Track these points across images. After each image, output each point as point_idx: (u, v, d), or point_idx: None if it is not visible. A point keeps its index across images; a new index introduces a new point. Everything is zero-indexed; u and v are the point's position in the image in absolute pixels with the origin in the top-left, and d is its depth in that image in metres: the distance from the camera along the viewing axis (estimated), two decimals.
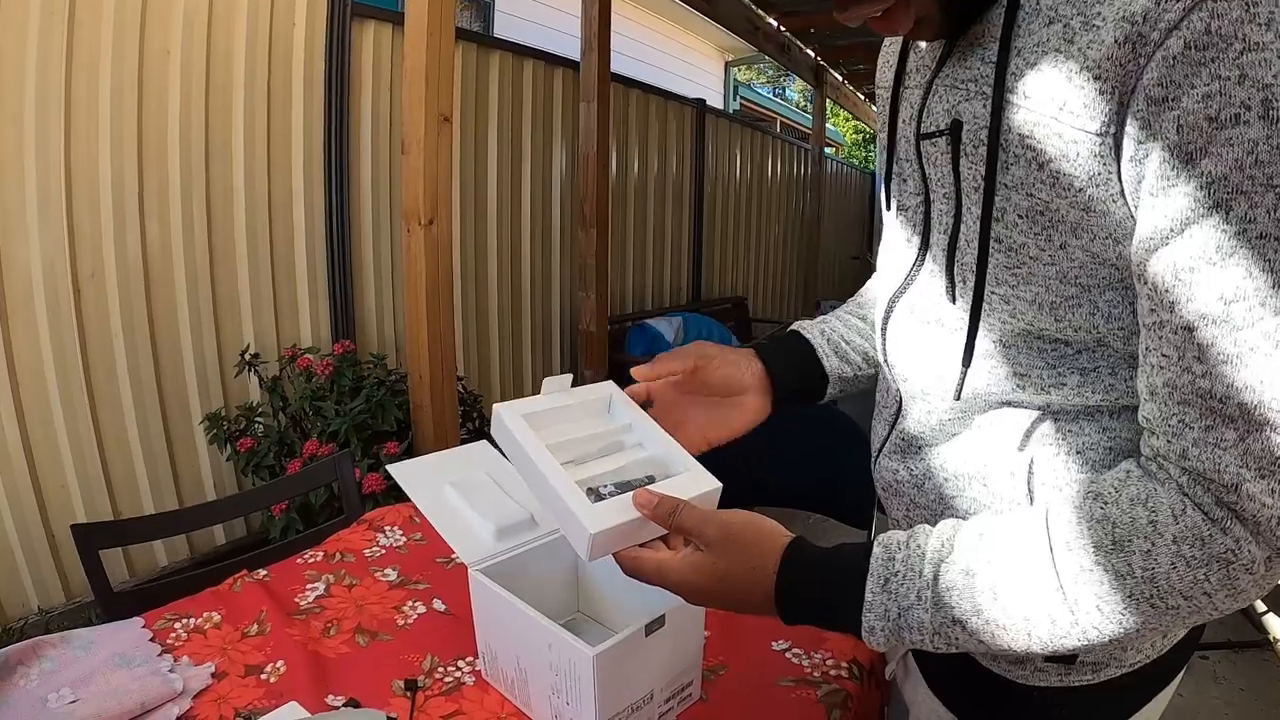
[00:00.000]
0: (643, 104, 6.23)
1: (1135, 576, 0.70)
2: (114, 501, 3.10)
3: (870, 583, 0.81)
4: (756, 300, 8.96)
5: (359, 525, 1.81)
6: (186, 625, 1.38)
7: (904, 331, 1.03)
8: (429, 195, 3.01)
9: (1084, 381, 0.85)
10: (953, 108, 0.88)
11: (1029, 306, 0.84)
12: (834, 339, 1.24)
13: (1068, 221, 0.78)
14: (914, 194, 1.00)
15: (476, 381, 4.65)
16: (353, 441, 2.99)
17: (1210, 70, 0.65)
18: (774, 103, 18.37)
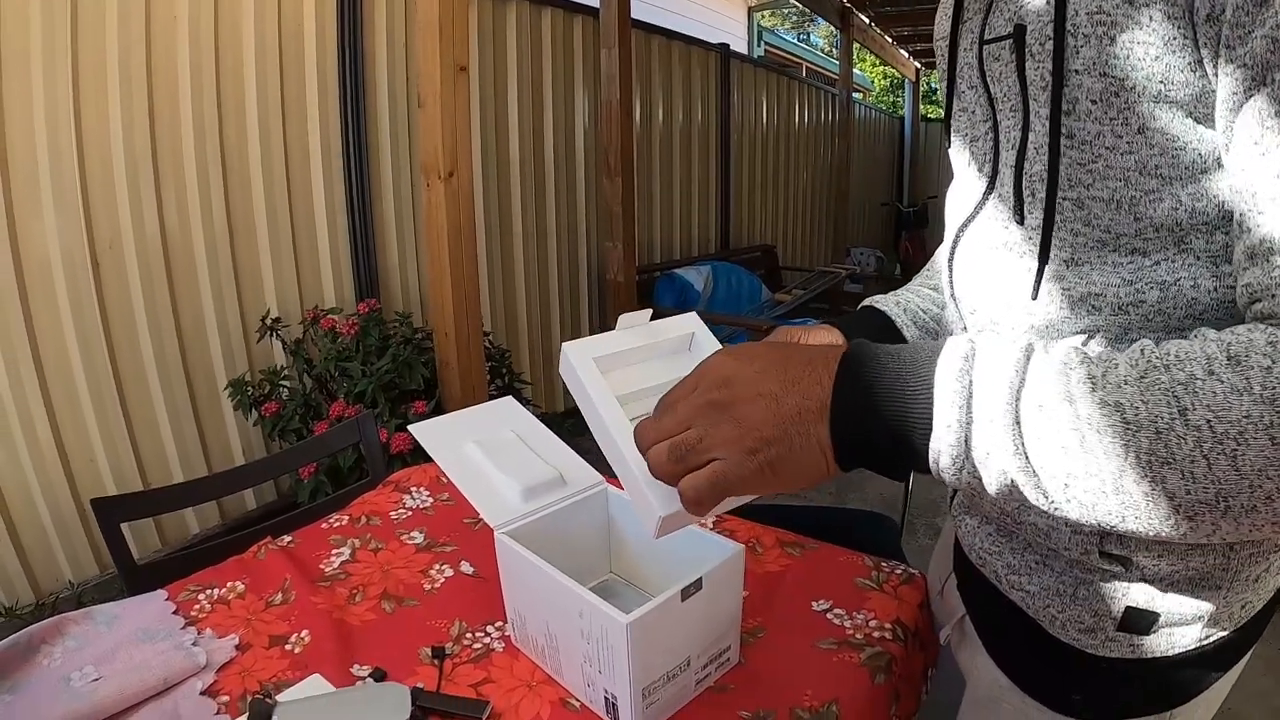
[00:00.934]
0: (665, 51, 6.13)
1: (1254, 394, 0.59)
2: (143, 472, 3.10)
3: (950, 348, 0.70)
4: (785, 248, 8.89)
5: (384, 487, 1.77)
6: (210, 596, 1.35)
7: (971, 260, 0.97)
8: (448, 147, 2.95)
9: (1164, 297, 0.78)
10: (1015, 13, 0.84)
11: (1106, 207, 0.79)
12: (911, 309, 1.20)
13: (1145, 98, 0.73)
14: (981, 121, 0.96)
15: (504, 337, 4.63)
16: (380, 401, 2.96)
17: None
18: (799, 48, 18.15)
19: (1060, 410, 0.64)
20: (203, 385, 3.28)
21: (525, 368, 4.79)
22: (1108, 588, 0.88)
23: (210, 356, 3.30)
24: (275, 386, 3.16)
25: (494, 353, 3.66)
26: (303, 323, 3.36)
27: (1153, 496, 0.61)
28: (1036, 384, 0.65)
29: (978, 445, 0.66)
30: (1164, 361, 0.63)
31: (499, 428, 1.38)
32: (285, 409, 3.06)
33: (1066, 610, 0.92)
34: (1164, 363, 0.63)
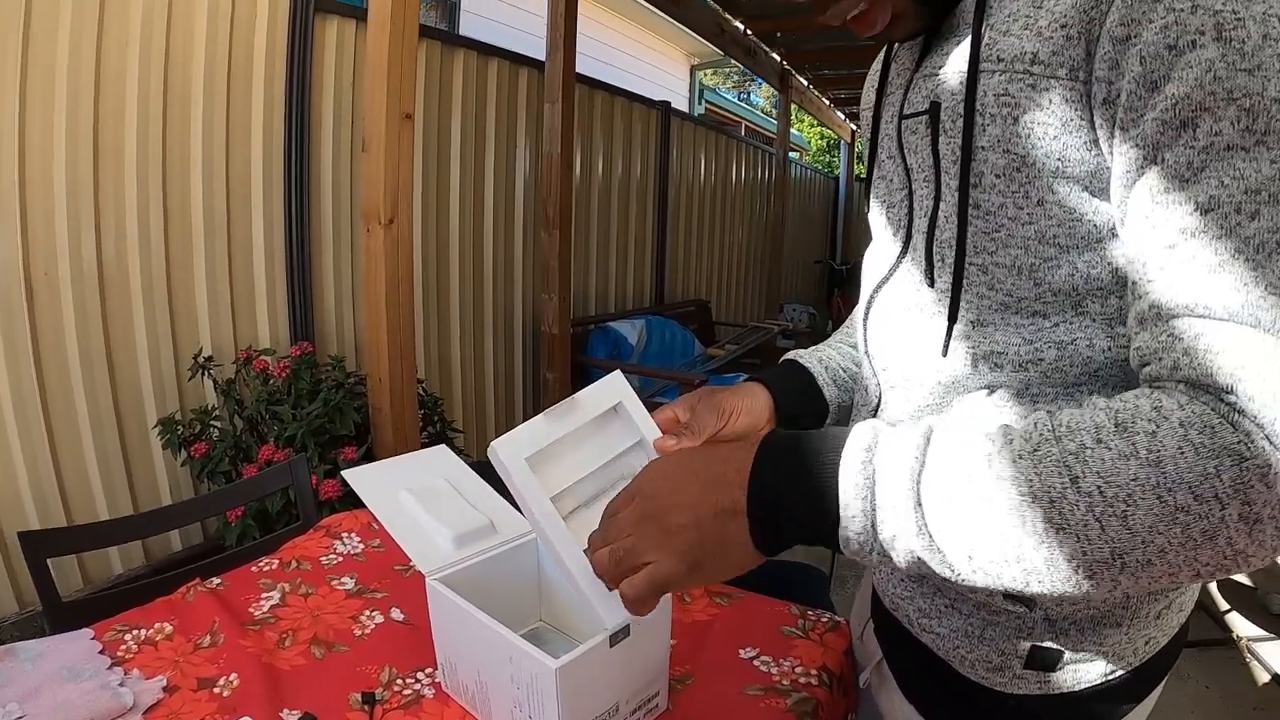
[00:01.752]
0: (608, 105, 6.22)
1: (1140, 458, 0.65)
2: (68, 508, 3.04)
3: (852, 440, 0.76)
4: (719, 303, 8.97)
5: (315, 532, 1.77)
6: (137, 637, 1.34)
7: (884, 320, 1.04)
8: (389, 194, 2.97)
9: (1062, 356, 0.85)
10: (931, 92, 0.91)
11: (1008, 273, 0.85)
12: (832, 368, 1.25)
13: (1044, 174, 0.81)
14: (898, 189, 1.02)
15: (437, 384, 4.61)
16: (310, 446, 2.94)
17: (1165, 4, 0.70)
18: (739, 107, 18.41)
19: (960, 490, 0.70)
20: (132, 421, 3.23)
21: (458, 416, 4.77)
22: (1013, 628, 0.93)
23: (141, 392, 3.25)
24: (205, 427, 3.12)
25: (427, 400, 3.65)
26: (235, 362, 3.33)
27: (1052, 561, 0.67)
28: (936, 467, 0.71)
29: (884, 530, 0.73)
30: (1055, 433, 0.69)
31: (431, 476, 1.40)
32: (215, 450, 3.02)
33: (975, 650, 0.96)
34: (1055, 434, 0.69)
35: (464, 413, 4.90)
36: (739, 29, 7.48)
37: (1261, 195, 0.66)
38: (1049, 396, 0.86)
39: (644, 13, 8.95)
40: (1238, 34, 0.67)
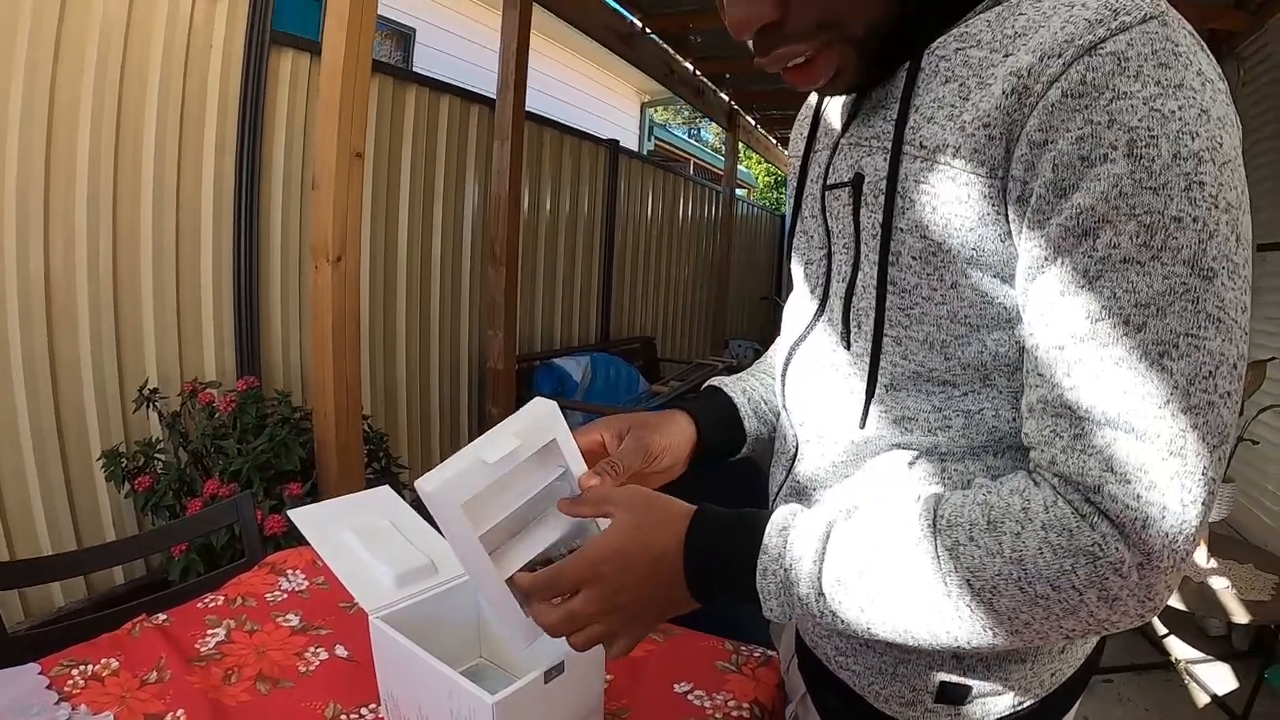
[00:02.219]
0: (557, 143, 6.28)
1: (1004, 556, 0.76)
2: (9, 540, 3.00)
3: (770, 528, 0.88)
4: (665, 340, 9.03)
5: (260, 569, 1.79)
6: (84, 672, 1.36)
7: (802, 377, 1.08)
8: (338, 232, 3.00)
9: (969, 424, 0.90)
10: (856, 162, 0.95)
11: (920, 346, 0.90)
12: (754, 399, 1.28)
13: (959, 261, 0.85)
14: (818, 248, 1.06)
15: (383, 420, 4.62)
16: (255, 481, 2.94)
17: (1084, 115, 0.73)
18: (689, 144, 18.53)
19: (853, 583, 0.83)
20: (76, 452, 3.20)
21: (403, 451, 4.77)
22: (923, 664, 0.99)
23: (86, 423, 3.22)
24: (150, 459, 3.10)
25: (372, 436, 3.65)
26: (181, 395, 3.32)
27: (935, 635, 0.81)
28: (834, 562, 0.84)
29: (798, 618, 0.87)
30: (935, 527, 0.81)
31: (375, 516, 1.44)
32: (159, 484, 3.01)
33: (889, 686, 1.02)
34: (935, 529, 0.80)
35: (410, 448, 4.90)
36: (688, 69, 7.57)
37: (1150, 309, 0.72)
38: (956, 456, 0.92)
39: (596, 51, 9.02)
40: (1149, 152, 0.71)
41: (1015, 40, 0.80)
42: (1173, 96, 0.72)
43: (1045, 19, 0.79)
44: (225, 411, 3.15)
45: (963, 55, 0.84)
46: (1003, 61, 0.80)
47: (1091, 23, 0.74)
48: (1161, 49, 0.73)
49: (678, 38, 6.90)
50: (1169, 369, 0.72)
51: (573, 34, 7.36)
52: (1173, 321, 0.71)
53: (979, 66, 0.82)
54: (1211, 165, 0.72)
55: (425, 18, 8.58)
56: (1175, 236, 0.71)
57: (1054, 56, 0.75)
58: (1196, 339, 0.71)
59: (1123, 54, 0.73)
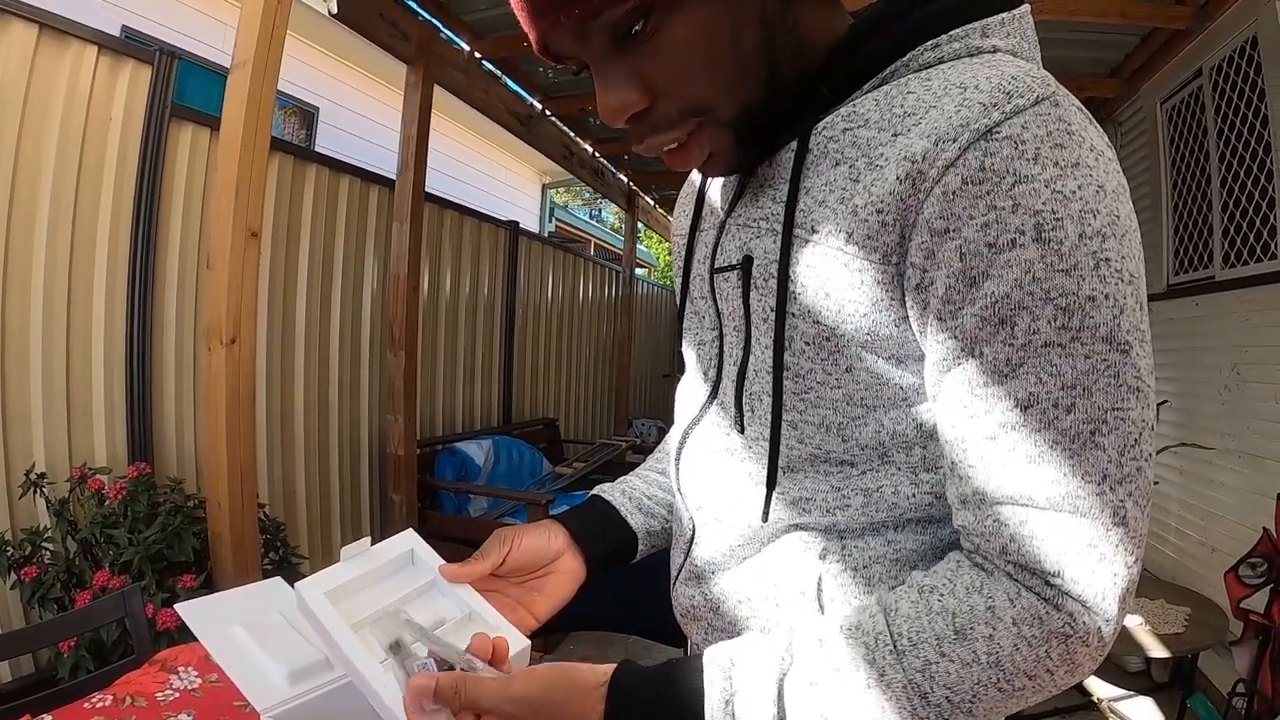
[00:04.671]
0: (457, 224, 6.27)
1: (981, 663, 0.74)
2: None
3: (709, 706, 0.80)
4: (568, 420, 9.00)
5: (150, 666, 1.71)
6: None
7: (696, 461, 1.07)
8: (232, 313, 2.94)
9: (868, 501, 0.89)
10: (744, 244, 0.94)
11: (817, 430, 0.90)
12: (635, 496, 1.27)
13: (853, 346, 0.85)
14: (709, 329, 1.06)
15: (281, 508, 4.48)
16: (147, 573, 2.82)
17: (987, 202, 0.73)
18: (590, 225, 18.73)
19: None
20: None
21: (302, 541, 4.63)
22: None
23: None
24: (37, 549, 2.95)
25: (269, 525, 3.54)
26: (70, 480, 3.17)
27: None
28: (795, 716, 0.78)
29: None
30: (898, 649, 0.77)
31: (266, 609, 1.38)
32: (46, 574, 2.86)
33: None
34: (898, 651, 0.77)
35: (309, 538, 4.76)
36: (587, 151, 7.68)
37: (1076, 389, 0.73)
38: (856, 533, 0.91)
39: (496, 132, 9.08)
40: (1056, 234, 0.72)
41: (905, 120, 0.80)
42: (1071, 176, 0.73)
43: (936, 99, 0.79)
44: (116, 499, 3.02)
45: (851, 135, 0.85)
46: (892, 141, 0.80)
47: (986, 106, 0.75)
48: (1056, 129, 0.74)
49: (576, 120, 7.02)
50: (1101, 444, 0.73)
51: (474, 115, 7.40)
52: (1099, 399, 0.73)
53: (868, 147, 0.82)
54: (1114, 240, 0.74)
55: (329, 96, 8.56)
56: (1091, 315, 0.72)
57: (949, 141, 0.75)
58: (1121, 411, 0.73)
59: (1019, 137, 0.74)
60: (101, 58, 3.35)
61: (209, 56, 6.70)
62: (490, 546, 1.10)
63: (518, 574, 1.12)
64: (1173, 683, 3.87)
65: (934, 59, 0.84)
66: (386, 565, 1.09)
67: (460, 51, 5.27)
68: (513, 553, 1.10)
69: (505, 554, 1.09)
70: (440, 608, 1.07)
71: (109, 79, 3.40)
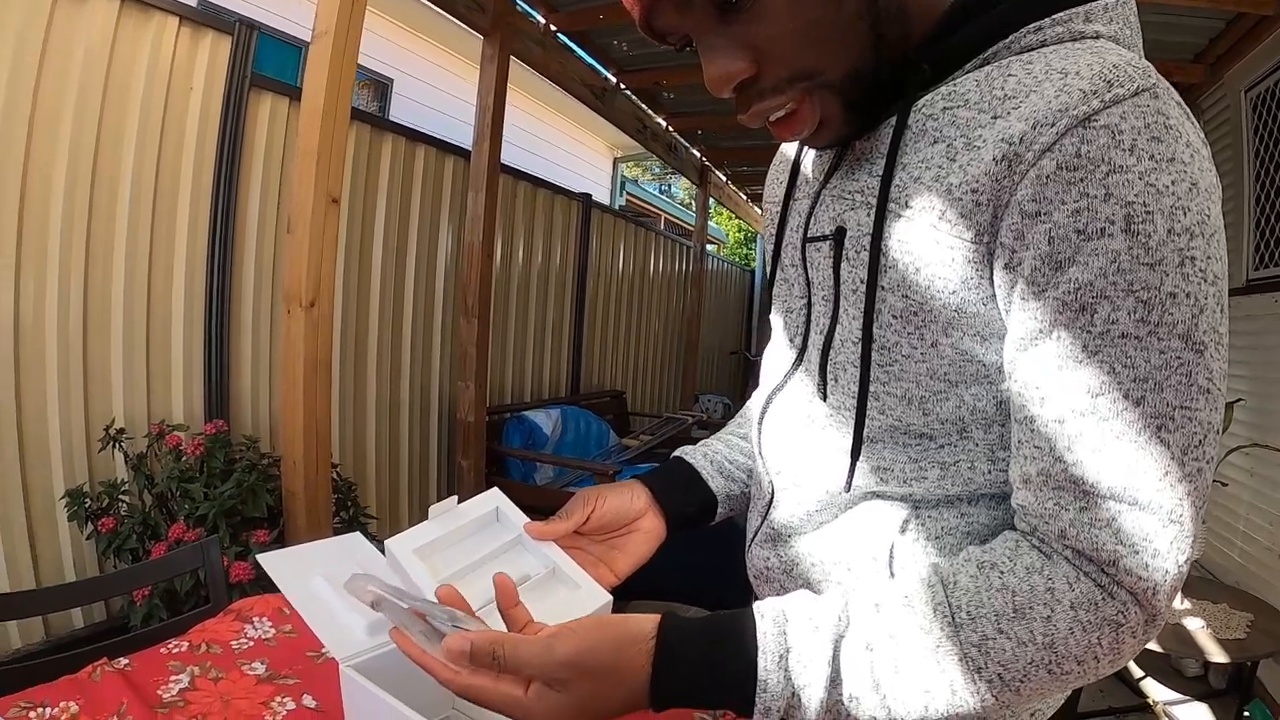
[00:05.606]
0: (530, 195, 6.29)
1: (1036, 643, 0.75)
2: None
3: (764, 660, 0.80)
4: (635, 394, 9.01)
5: (225, 615, 1.74)
6: (42, 714, 1.32)
7: (778, 427, 1.10)
8: (312, 277, 2.99)
9: (944, 475, 0.91)
10: (838, 216, 0.96)
11: (898, 402, 0.91)
12: (717, 460, 1.29)
13: (940, 321, 0.86)
14: (798, 297, 1.08)
15: (351, 469, 4.56)
16: (221, 527, 2.89)
17: (1080, 189, 0.74)
18: (659, 199, 18.65)
19: (868, 698, 0.79)
20: (38, 490, 3.13)
21: (371, 502, 4.70)
22: None
23: (50, 460, 3.16)
24: (114, 501, 3.04)
25: (341, 485, 3.61)
26: (148, 436, 3.26)
27: (950, 714, 0.78)
28: (848, 682, 0.79)
29: (795, 716, 0.81)
30: (956, 623, 0.78)
31: (346, 562, 1.40)
32: (123, 526, 2.95)
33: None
34: (956, 624, 0.78)
35: (377, 499, 4.84)
36: (661, 125, 7.65)
37: (1147, 384, 0.74)
38: (931, 504, 0.93)
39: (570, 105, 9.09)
40: (1145, 227, 0.72)
41: (1005, 102, 0.81)
42: (1165, 171, 0.73)
43: (1037, 83, 0.79)
44: (192, 455, 3.10)
45: (950, 115, 0.85)
46: (991, 124, 0.81)
47: (1086, 93, 0.75)
48: (1154, 123, 0.74)
49: (650, 94, 6.99)
50: (1166, 441, 0.74)
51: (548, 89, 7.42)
52: (1169, 395, 0.73)
53: (967, 127, 0.83)
54: (1201, 239, 0.74)
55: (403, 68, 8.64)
56: (1170, 312, 0.73)
57: (1047, 125, 0.76)
58: (1189, 411, 0.74)
59: (1117, 127, 0.74)
60: (182, 29, 3.41)
61: (282, 28, 6.81)
62: (574, 505, 1.13)
63: (600, 532, 1.15)
64: (1230, 690, 3.75)
65: (1036, 42, 0.85)
66: (472, 523, 1.13)
67: (536, 24, 5.27)
68: (596, 511, 1.13)
69: (589, 513, 1.13)
70: (525, 564, 1.10)
71: (189, 50, 3.46)
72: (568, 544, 1.12)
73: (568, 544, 1.12)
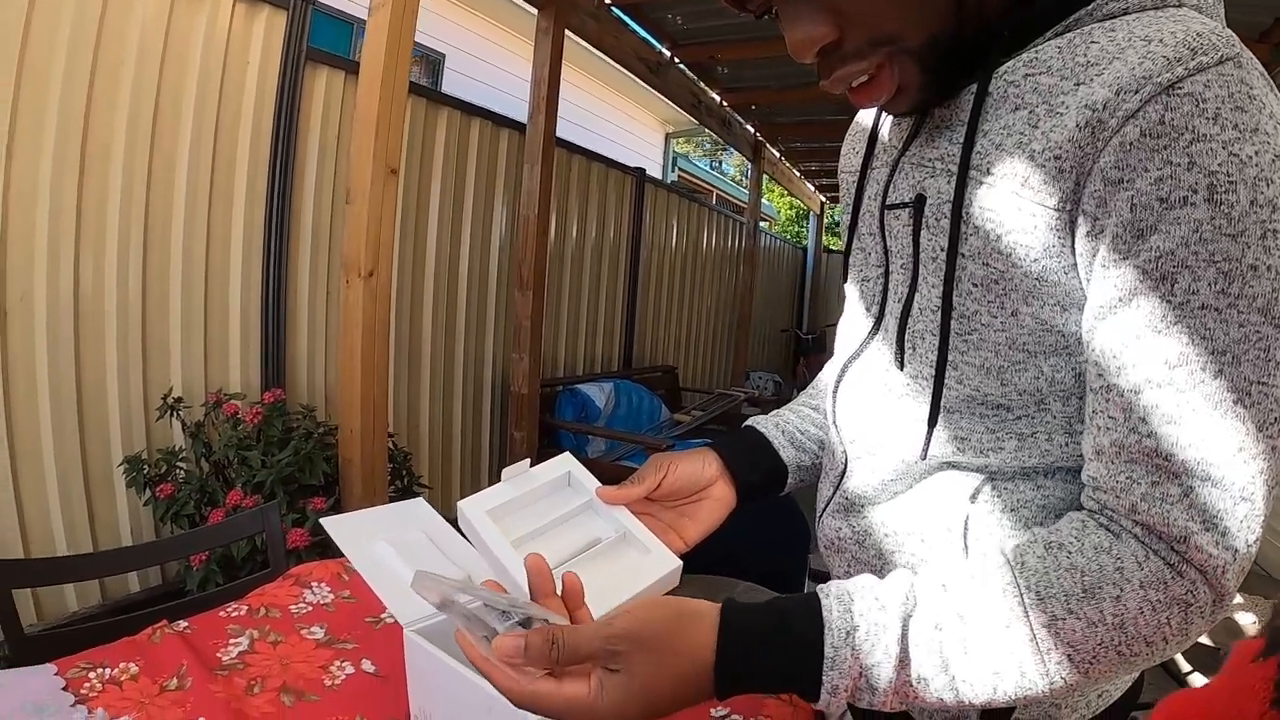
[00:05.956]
0: (584, 170, 6.29)
1: (1106, 624, 0.73)
2: (25, 540, 2.98)
3: (830, 637, 0.77)
4: (686, 369, 9.01)
5: (284, 580, 1.76)
6: (102, 675, 1.33)
7: (853, 395, 1.08)
8: (371, 247, 2.99)
9: (1021, 446, 0.89)
10: (918, 183, 0.94)
11: (976, 371, 0.89)
12: (789, 430, 1.27)
13: (1020, 289, 0.84)
14: (875, 266, 1.05)
15: (405, 439, 4.59)
16: (278, 494, 2.91)
17: (1163, 156, 0.72)
18: (711, 175, 18.65)
19: (937, 679, 0.77)
20: (97, 457, 3.18)
21: (424, 471, 4.74)
22: None
23: (108, 428, 3.20)
24: (172, 468, 3.08)
25: (396, 454, 3.63)
26: (205, 405, 3.29)
27: (1016, 701, 0.77)
28: (916, 663, 0.77)
29: (862, 704, 0.79)
30: (1024, 605, 0.75)
31: (409, 528, 1.40)
32: (180, 492, 2.98)
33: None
34: (1024, 607, 0.75)
35: (430, 469, 4.88)
36: (715, 100, 7.59)
37: (1226, 356, 0.71)
38: (1007, 475, 0.91)
39: (623, 80, 9.09)
40: (1228, 198, 0.70)
41: (1088, 69, 0.79)
42: (1249, 141, 0.71)
43: (1120, 50, 0.77)
44: (250, 423, 3.12)
45: (1032, 81, 0.83)
46: (1074, 90, 0.79)
47: (1170, 60, 0.73)
48: (1238, 91, 0.72)
49: (705, 68, 6.92)
50: (1241, 416, 0.72)
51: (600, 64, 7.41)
52: (1246, 369, 0.71)
53: (1049, 93, 0.81)
54: None
55: (455, 44, 8.66)
56: (1251, 285, 0.71)
57: (1131, 92, 0.74)
58: (1266, 387, 0.72)
59: (1201, 95, 0.72)
60: (238, 5, 3.43)
61: (334, 3, 6.82)
62: (646, 471, 1.12)
63: (671, 499, 1.14)
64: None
65: (1118, 9, 0.82)
66: (544, 486, 1.12)
67: None
68: (668, 478, 1.12)
69: (661, 479, 1.11)
70: (595, 528, 1.09)
71: (245, 25, 3.48)
72: (639, 509, 1.11)
73: (639, 509, 1.11)
